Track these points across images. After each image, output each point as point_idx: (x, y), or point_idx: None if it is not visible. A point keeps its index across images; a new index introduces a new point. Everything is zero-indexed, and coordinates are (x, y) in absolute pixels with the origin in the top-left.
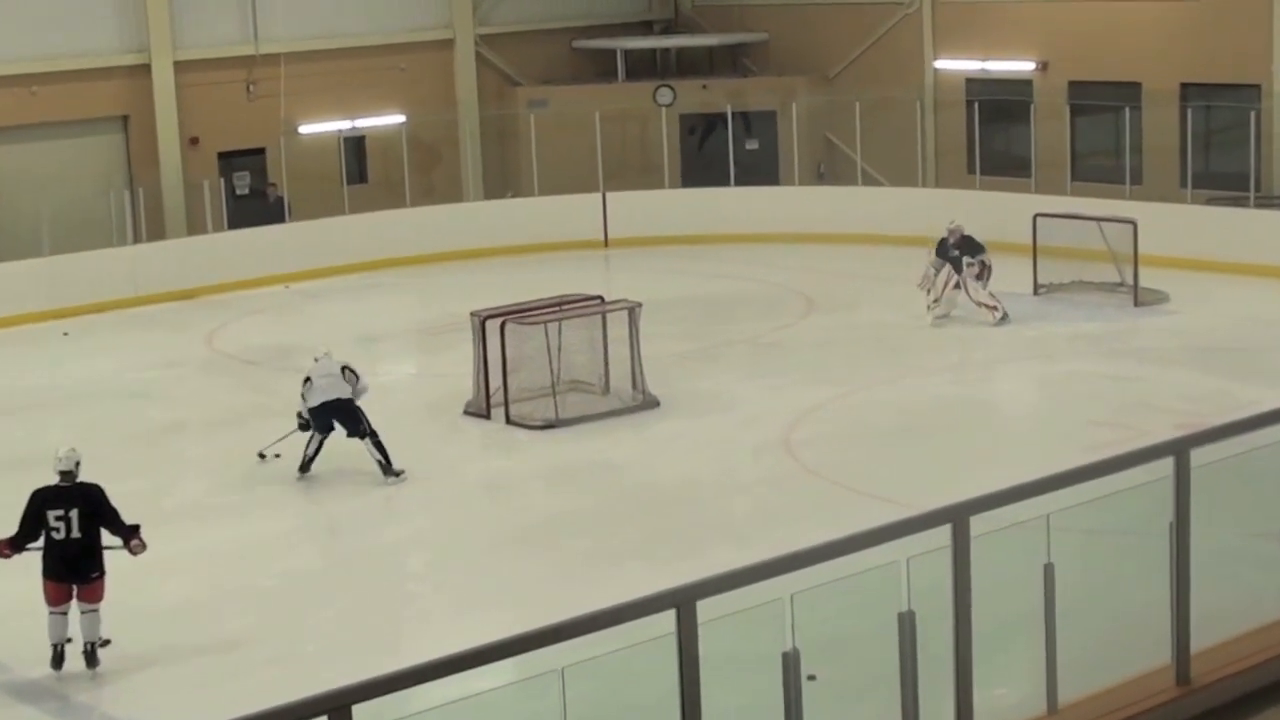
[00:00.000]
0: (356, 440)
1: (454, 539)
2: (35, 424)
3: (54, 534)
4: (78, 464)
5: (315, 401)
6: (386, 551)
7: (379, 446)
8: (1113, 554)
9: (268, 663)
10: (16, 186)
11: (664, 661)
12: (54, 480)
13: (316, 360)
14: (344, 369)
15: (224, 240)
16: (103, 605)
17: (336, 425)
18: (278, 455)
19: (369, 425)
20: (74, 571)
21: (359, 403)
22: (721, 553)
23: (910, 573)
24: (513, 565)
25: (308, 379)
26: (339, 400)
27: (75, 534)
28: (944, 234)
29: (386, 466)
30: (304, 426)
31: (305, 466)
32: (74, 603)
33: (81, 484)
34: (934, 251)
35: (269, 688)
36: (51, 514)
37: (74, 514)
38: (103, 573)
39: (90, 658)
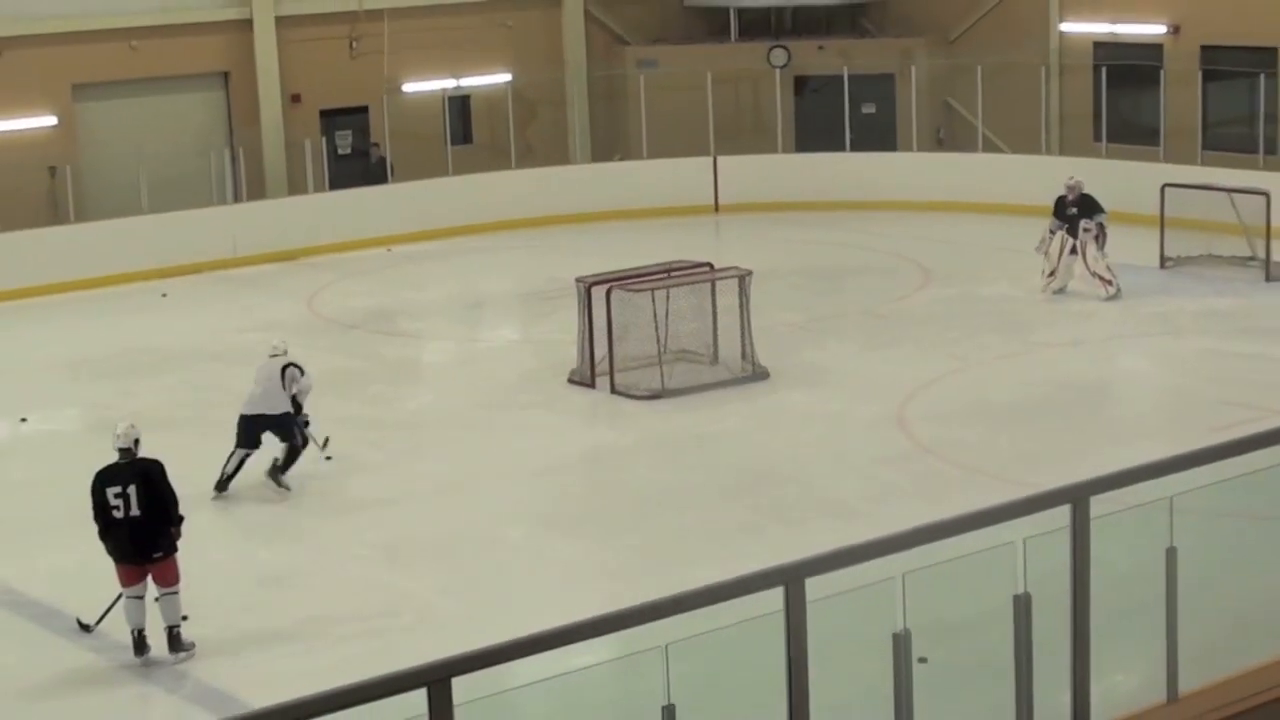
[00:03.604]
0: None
1: (555, 511)
2: (132, 387)
3: (114, 513)
4: (136, 441)
5: (247, 410)
6: (485, 522)
7: (293, 454)
8: (1239, 538)
9: (362, 635)
10: (116, 143)
11: (770, 641)
12: (114, 458)
13: (273, 356)
14: (285, 369)
15: (325, 201)
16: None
17: (263, 440)
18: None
19: (301, 438)
20: (139, 551)
21: (303, 400)
22: (831, 530)
23: (1027, 554)
24: (615, 539)
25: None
26: (271, 415)
27: (135, 511)
28: (1062, 191)
29: (281, 470)
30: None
31: (223, 484)
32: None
33: (140, 459)
34: (1053, 212)
35: (364, 660)
36: (110, 492)
37: (132, 490)
38: (170, 551)
39: (174, 642)
